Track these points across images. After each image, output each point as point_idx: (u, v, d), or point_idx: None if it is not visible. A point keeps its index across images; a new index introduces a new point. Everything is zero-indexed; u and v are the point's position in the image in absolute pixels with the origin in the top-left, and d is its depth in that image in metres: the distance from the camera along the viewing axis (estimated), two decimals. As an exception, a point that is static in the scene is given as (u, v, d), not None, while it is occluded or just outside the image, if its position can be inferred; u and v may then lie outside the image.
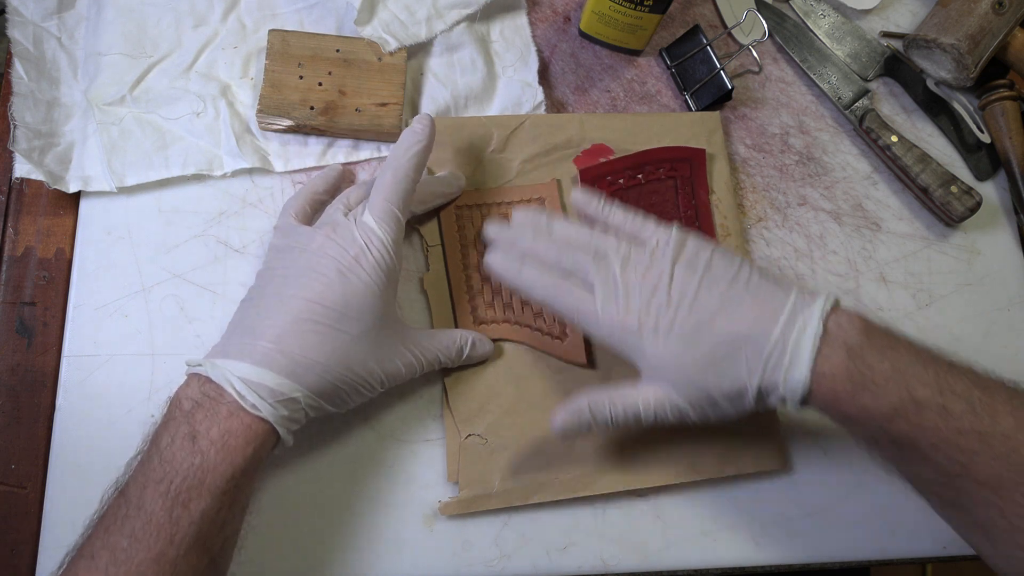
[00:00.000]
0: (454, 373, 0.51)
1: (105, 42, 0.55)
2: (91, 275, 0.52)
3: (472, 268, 0.53)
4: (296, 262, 0.44)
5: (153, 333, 0.51)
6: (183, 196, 0.54)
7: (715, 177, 0.58)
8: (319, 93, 0.54)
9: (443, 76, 0.57)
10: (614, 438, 0.51)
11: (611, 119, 0.58)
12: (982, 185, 0.63)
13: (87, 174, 0.52)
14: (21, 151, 0.50)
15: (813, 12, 0.65)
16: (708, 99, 0.60)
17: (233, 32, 0.56)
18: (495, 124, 0.56)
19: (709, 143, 0.58)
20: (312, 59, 0.54)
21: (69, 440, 0.49)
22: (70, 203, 0.53)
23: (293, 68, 0.54)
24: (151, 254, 0.53)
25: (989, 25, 0.60)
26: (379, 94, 0.54)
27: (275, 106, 0.53)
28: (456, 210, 0.54)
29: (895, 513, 0.53)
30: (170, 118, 0.53)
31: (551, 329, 0.52)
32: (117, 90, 0.54)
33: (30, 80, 0.53)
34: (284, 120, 0.53)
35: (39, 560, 0.47)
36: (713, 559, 0.51)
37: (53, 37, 0.55)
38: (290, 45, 0.54)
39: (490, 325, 0.52)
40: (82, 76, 0.54)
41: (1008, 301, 0.60)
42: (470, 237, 0.53)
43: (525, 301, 0.52)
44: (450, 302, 0.53)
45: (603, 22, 0.58)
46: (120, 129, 0.53)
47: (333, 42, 0.55)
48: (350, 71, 0.54)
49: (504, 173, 0.55)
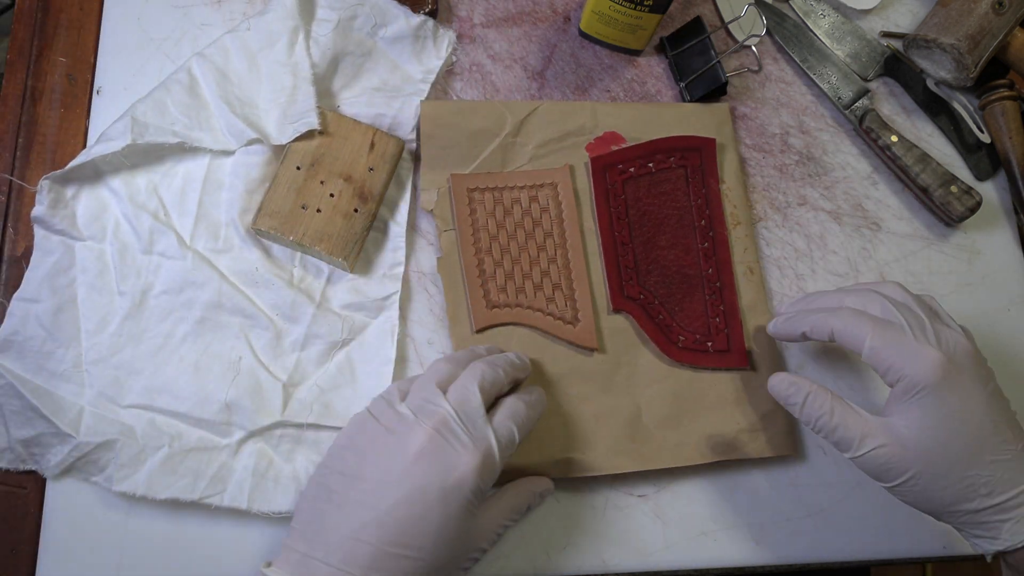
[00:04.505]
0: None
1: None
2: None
3: (484, 252, 0.53)
4: (391, 466, 0.40)
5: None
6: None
7: (725, 167, 0.58)
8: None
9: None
10: (628, 419, 0.51)
11: (623, 108, 0.59)
12: (982, 185, 0.63)
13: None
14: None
15: (813, 12, 0.65)
16: (702, 91, 0.60)
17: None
18: (509, 109, 0.56)
19: (719, 133, 0.59)
20: None
21: (69, 440, 0.49)
22: (70, 203, 0.53)
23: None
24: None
25: (989, 25, 0.60)
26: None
27: None
28: (469, 194, 0.54)
29: (895, 513, 0.53)
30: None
31: (563, 314, 0.53)
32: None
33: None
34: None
35: (39, 560, 0.47)
36: (713, 559, 0.51)
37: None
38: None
39: (502, 309, 0.52)
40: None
41: (1008, 301, 0.60)
42: (482, 221, 0.54)
43: (537, 285, 0.53)
44: (463, 285, 0.53)
45: (603, 22, 0.58)
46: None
47: None
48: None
49: (517, 158, 0.56)
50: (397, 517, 0.38)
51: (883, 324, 0.44)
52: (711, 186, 0.57)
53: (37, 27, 0.57)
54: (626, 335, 0.54)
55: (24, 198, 0.53)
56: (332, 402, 0.50)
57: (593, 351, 0.53)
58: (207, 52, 0.54)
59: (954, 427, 0.42)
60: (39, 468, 0.47)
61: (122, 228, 0.51)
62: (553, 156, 0.57)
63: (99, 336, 0.49)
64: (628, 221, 0.56)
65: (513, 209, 0.54)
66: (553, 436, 0.50)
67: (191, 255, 0.51)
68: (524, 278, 0.53)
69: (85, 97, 0.56)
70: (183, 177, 0.53)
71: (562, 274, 0.54)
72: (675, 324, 0.54)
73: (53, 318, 0.49)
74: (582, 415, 0.51)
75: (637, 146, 0.57)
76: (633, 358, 0.53)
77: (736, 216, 0.58)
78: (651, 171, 0.57)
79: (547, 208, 0.55)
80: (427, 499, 0.39)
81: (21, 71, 0.56)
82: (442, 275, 0.53)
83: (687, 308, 0.54)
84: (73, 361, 0.49)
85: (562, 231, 0.54)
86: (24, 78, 0.56)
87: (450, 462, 0.40)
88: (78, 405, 0.48)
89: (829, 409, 0.44)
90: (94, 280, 0.50)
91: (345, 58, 0.56)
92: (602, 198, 0.56)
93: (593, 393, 0.52)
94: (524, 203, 0.55)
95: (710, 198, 0.57)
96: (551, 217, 0.55)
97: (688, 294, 0.55)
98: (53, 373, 0.48)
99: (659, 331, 0.54)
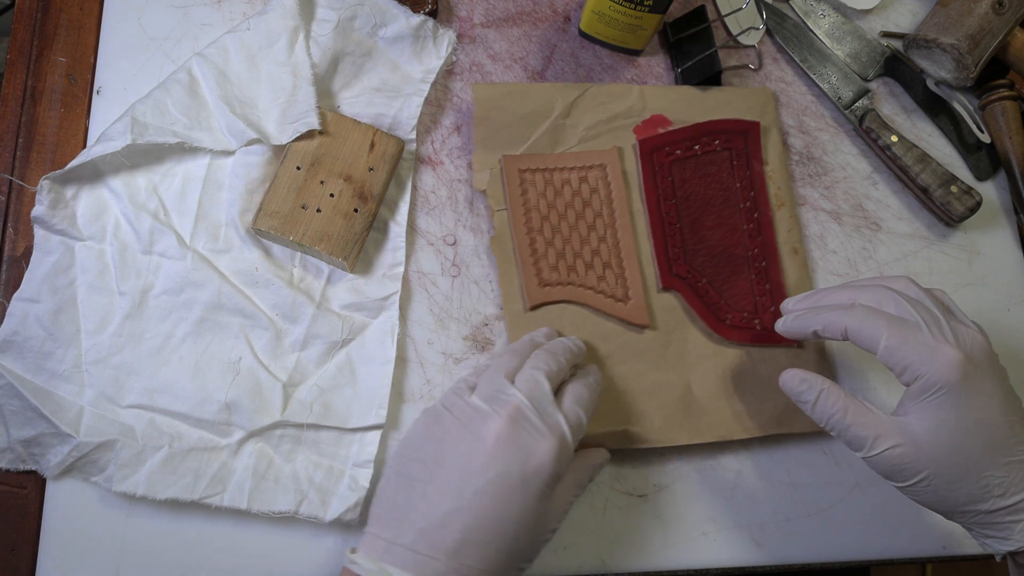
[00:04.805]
0: (519, 336, 0.52)
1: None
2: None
3: (536, 231, 0.54)
4: (472, 455, 0.40)
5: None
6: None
7: (768, 149, 0.60)
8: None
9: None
10: (680, 395, 0.52)
11: (669, 91, 0.60)
12: (982, 185, 0.63)
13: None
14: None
15: (813, 12, 0.65)
16: (697, 77, 0.60)
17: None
18: (559, 91, 0.58)
19: (762, 116, 0.60)
20: None
21: (69, 440, 0.49)
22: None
23: None
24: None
25: (989, 25, 0.60)
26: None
27: None
28: (520, 174, 0.55)
29: (895, 513, 0.53)
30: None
31: (613, 292, 0.54)
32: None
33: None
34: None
35: (39, 560, 0.47)
36: (713, 559, 0.51)
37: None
38: None
39: (555, 287, 0.53)
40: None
41: (1008, 301, 0.60)
42: (533, 201, 0.55)
43: (588, 264, 0.54)
44: (516, 264, 0.54)
45: (603, 22, 0.58)
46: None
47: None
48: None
49: (567, 139, 0.57)
50: (481, 504, 0.39)
51: (898, 322, 0.43)
52: (755, 168, 0.58)
53: (37, 27, 0.57)
54: (675, 313, 0.55)
55: (24, 198, 0.53)
56: (332, 402, 0.50)
57: (644, 328, 0.54)
58: (207, 52, 0.54)
59: (970, 428, 0.41)
60: (39, 468, 0.47)
61: (122, 228, 0.51)
62: (602, 138, 0.58)
63: (99, 336, 0.49)
64: (675, 202, 0.57)
65: (563, 190, 0.55)
66: (609, 410, 0.51)
67: (191, 255, 0.51)
68: (575, 257, 0.54)
69: (85, 97, 0.56)
70: (183, 177, 0.53)
71: (612, 253, 0.55)
72: (723, 302, 0.55)
73: (53, 318, 0.49)
74: (635, 390, 0.52)
75: (683, 129, 0.58)
76: (682, 335, 0.54)
77: (780, 197, 0.59)
78: (697, 153, 0.58)
79: (596, 189, 0.56)
80: (509, 485, 0.39)
81: (21, 71, 0.56)
82: (495, 253, 0.54)
83: (734, 287, 0.56)
84: (73, 361, 0.49)
85: (611, 211, 0.56)
86: (24, 78, 0.56)
87: (528, 449, 0.40)
88: (78, 405, 0.48)
89: (842, 407, 0.43)
90: (94, 280, 0.50)
91: (345, 58, 0.56)
92: (650, 179, 0.57)
93: (645, 369, 0.53)
94: (574, 184, 0.56)
95: (754, 180, 0.58)
96: (600, 198, 0.56)
97: (734, 273, 0.56)
98: (53, 373, 0.48)
99: (707, 309, 0.55)
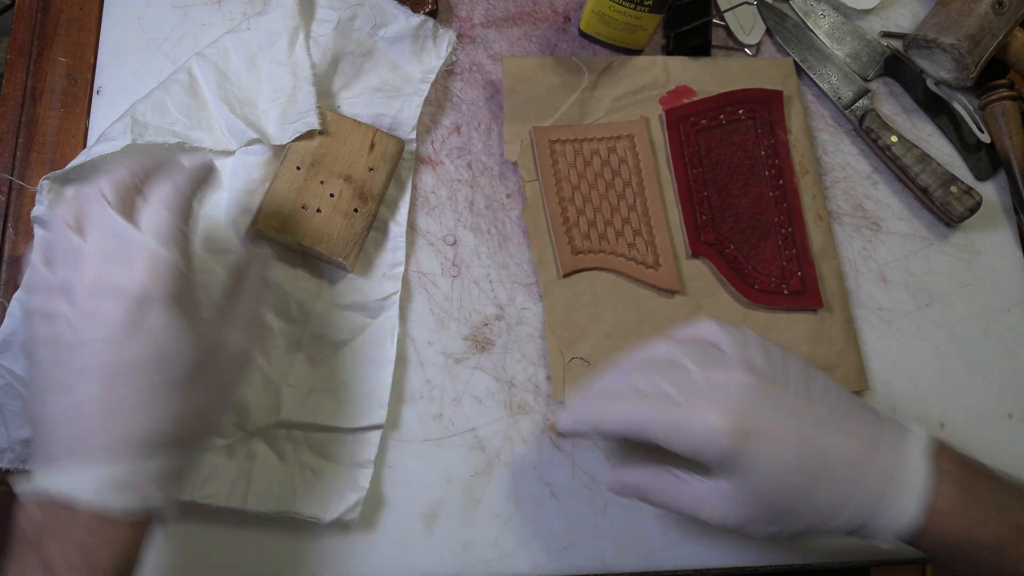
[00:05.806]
0: (554, 302, 0.54)
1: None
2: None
3: (567, 201, 0.56)
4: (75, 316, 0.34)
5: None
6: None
7: (791, 118, 0.61)
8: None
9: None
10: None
11: (692, 63, 0.61)
12: (982, 185, 0.63)
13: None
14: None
15: (813, 12, 0.65)
16: (687, 44, 0.61)
17: None
18: (586, 64, 0.60)
19: (784, 86, 0.61)
20: None
21: (69, 440, 0.49)
22: (70, 203, 0.53)
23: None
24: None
25: (989, 25, 0.60)
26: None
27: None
28: (551, 145, 0.57)
29: (895, 513, 0.53)
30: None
31: (644, 259, 0.55)
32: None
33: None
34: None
35: (39, 560, 0.47)
36: (713, 559, 0.51)
37: None
38: None
39: (587, 255, 0.55)
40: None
41: (1008, 301, 0.60)
42: (564, 172, 0.56)
43: (619, 232, 0.55)
44: (548, 233, 0.55)
45: (603, 22, 0.59)
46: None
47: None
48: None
49: (595, 111, 0.59)
50: (107, 360, 0.34)
51: (655, 404, 0.39)
52: (779, 136, 0.59)
53: (37, 27, 0.57)
54: (704, 279, 0.56)
55: (24, 198, 0.53)
56: (332, 402, 0.50)
57: (675, 294, 0.55)
58: (207, 52, 0.54)
59: (777, 471, 0.38)
60: (39, 468, 0.47)
61: (122, 228, 0.51)
62: (629, 109, 0.59)
63: None
64: (702, 170, 0.58)
65: (593, 160, 0.57)
66: None
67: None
68: (606, 225, 0.55)
69: (85, 97, 0.56)
70: None
71: (642, 221, 0.56)
72: (751, 268, 0.56)
73: None
74: None
75: (708, 99, 0.59)
76: (712, 301, 0.56)
77: (804, 165, 0.60)
78: (722, 122, 0.59)
79: (625, 159, 0.57)
80: (114, 338, 0.34)
81: (21, 71, 0.56)
82: (527, 223, 0.56)
83: (761, 253, 0.56)
84: None
85: (640, 180, 0.57)
86: (24, 78, 0.56)
87: (116, 287, 0.34)
88: None
89: (673, 496, 0.41)
90: None
91: (345, 58, 0.56)
92: (676, 149, 0.58)
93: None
94: (603, 154, 0.57)
95: (778, 148, 0.59)
96: (629, 167, 0.57)
97: (762, 239, 0.57)
98: None
99: (736, 275, 0.56)
